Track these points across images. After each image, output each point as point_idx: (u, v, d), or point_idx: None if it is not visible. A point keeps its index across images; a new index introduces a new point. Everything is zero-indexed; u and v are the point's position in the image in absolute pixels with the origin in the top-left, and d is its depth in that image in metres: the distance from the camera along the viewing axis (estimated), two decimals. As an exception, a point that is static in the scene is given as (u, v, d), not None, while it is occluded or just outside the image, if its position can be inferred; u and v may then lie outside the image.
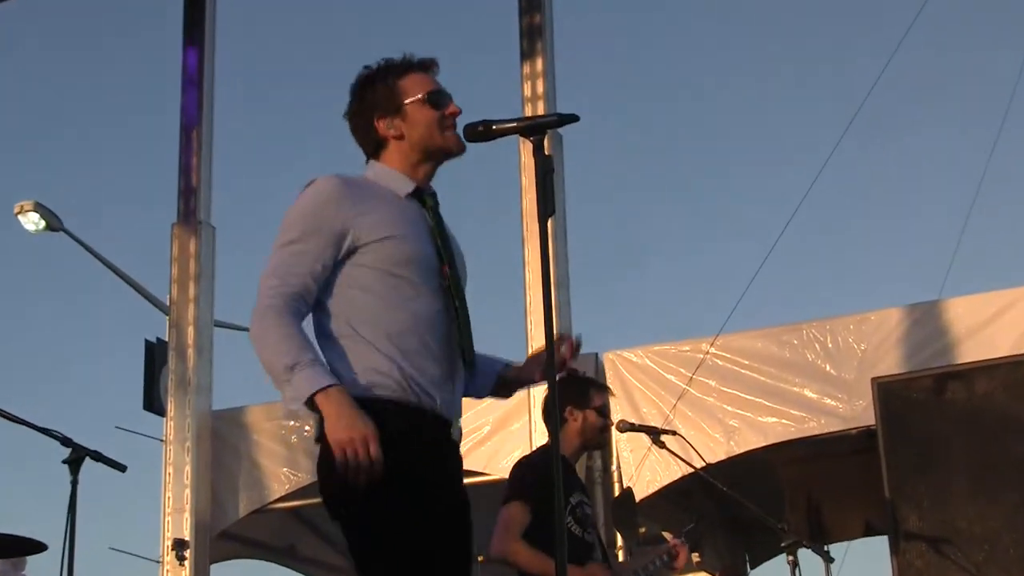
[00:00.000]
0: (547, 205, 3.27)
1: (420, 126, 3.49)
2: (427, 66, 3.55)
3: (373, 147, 3.52)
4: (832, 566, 6.38)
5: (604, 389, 5.78)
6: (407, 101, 3.49)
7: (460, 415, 3.45)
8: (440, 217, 3.49)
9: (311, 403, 3.17)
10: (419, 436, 3.27)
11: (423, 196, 3.49)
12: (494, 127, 3.38)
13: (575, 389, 5.56)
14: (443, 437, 3.35)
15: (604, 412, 5.63)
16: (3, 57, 22.30)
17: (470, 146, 3.46)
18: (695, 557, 6.93)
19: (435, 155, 3.51)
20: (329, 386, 3.16)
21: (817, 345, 7.90)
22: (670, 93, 20.57)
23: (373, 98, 3.50)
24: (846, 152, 8.55)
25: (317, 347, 3.31)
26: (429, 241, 3.42)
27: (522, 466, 5.48)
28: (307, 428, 8.33)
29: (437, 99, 3.51)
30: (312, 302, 3.33)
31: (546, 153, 3.32)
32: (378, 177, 3.48)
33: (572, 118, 3.38)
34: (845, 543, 9.51)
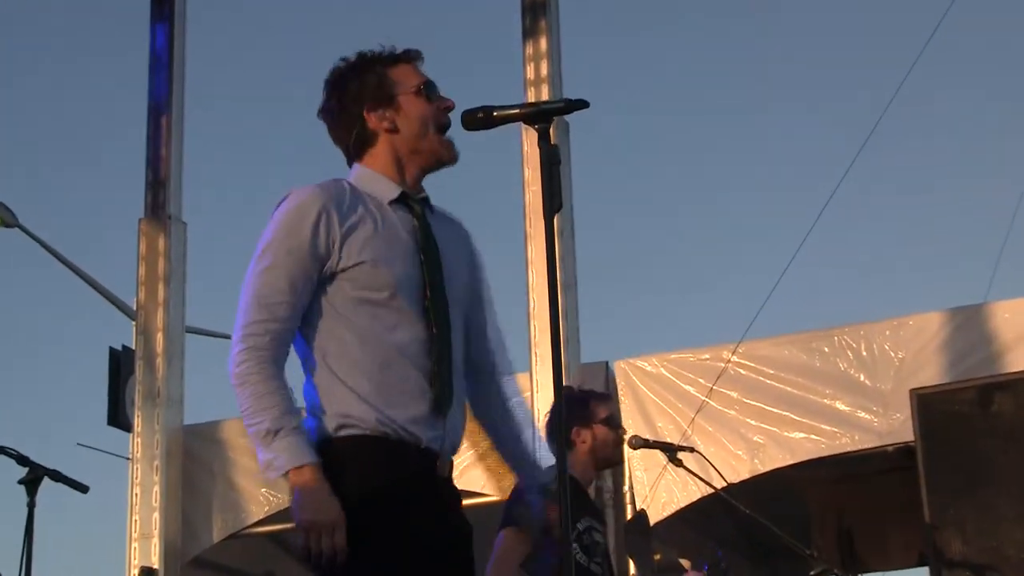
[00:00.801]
0: (553, 200, 3.26)
1: (413, 119, 3.49)
2: (413, 57, 3.56)
3: (359, 144, 3.51)
4: (866, 596, 6.39)
5: (607, 398, 5.77)
6: (399, 91, 3.49)
7: (456, 450, 3.47)
8: (428, 226, 3.47)
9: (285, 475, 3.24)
10: (402, 467, 3.29)
11: (410, 201, 3.48)
12: (495, 114, 3.38)
13: (575, 407, 5.54)
14: (430, 470, 3.37)
15: (614, 423, 5.62)
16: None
17: (469, 135, 3.46)
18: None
19: (425, 158, 3.51)
20: (305, 464, 3.22)
21: (850, 353, 7.90)
22: (688, 79, 20.57)
23: (361, 88, 3.49)
24: (882, 143, 8.55)
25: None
26: (415, 257, 3.42)
27: (522, 488, 5.46)
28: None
29: (430, 90, 3.52)
30: (296, 331, 3.36)
31: (552, 143, 3.32)
32: (361, 182, 3.47)
33: (581, 104, 3.38)
34: (880, 573, 9.52)
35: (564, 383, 3.26)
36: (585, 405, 5.59)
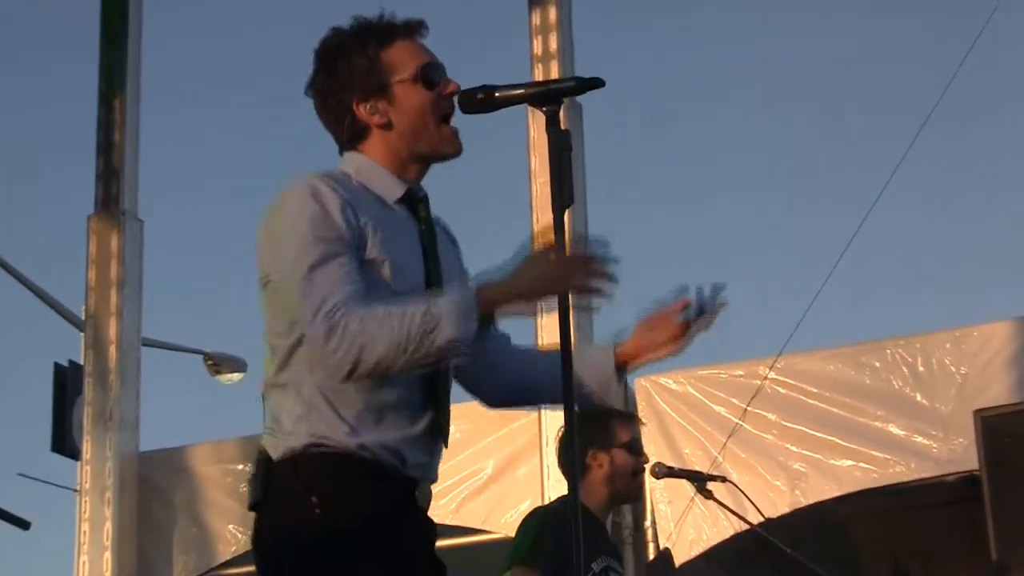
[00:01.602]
0: (563, 192, 3.27)
1: (411, 112, 3.47)
2: (414, 29, 3.53)
3: (351, 135, 3.50)
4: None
5: (632, 420, 5.80)
6: (395, 79, 3.46)
7: (435, 479, 3.48)
8: (434, 231, 3.49)
9: (478, 322, 3.24)
10: (380, 493, 3.30)
11: (415, 202, 3.49)
12: (496, 94, 3.39)
13: (595, 426, 5.56)
14: (410, 499, 3.38)
15: (635, 449, 5.65)
16: None
17: (467, 118, 3.47)
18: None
19: (425, 154, 3.50)
20: (476, 288, 3.26)
21: (905, 368, 7.90)
22: (717, 59, 20.56)
23: (349, 74, 3.47)
24: (939, 128, 8.54)
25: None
26: (421, 265, 3.44)
27: (533, 521, 5.50)
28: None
29: (431, 74, 3.48)
30: None
31: (562, 127, 3.33)
32: (362, 175, 3.45)
33: (595, 82, 3.39)
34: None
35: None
36: (606, 424, 5.62)
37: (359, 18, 3.52)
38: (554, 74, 8.55)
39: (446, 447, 3.48)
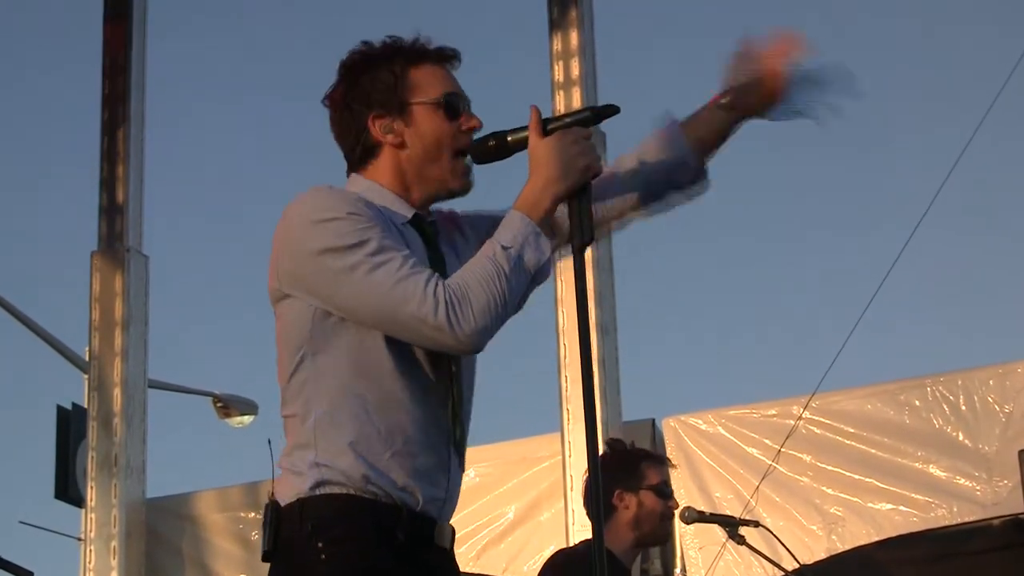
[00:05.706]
0: (584, 229, 3.30)
1: (426, 137, 3.47)
2: (446, 57, 3.55)
3: (360, 152, 3.52)
4: None
5: (661, 462, 5.83)
6: (415, 100, 3.48)
7: (451, 514, 3.47)
8: (442, 254, 3.48)
9: (537, 226, 3.32)
10: (392, 536, 3.30)
11: (422, 224, 3.49)
12: (509, 139, 3.41)
13: (623, 466, 5.60)
14: (426, 539, 3.38)
15: (664, 492, 5.68)
16: None
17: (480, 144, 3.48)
18: None
19: (432, 185, 3.50)
20: (521, 214, 3.31)
21: (946, 406, 7.90)
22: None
23: (372, 87, 3.49)
24: (985, 142, 8.55)
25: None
26: None
27: (556, 566, 5.52)
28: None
29: (455, 104, 3.50)
30: None
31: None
32: (370, 196, 3.44)
33: (611, 110, 3.41)
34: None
35: (601, 444, 3.29)
36: (634, 465, 5.65)
37: (392, 37, 3.54)
38: (576, 101, 8.58)
39: (462, 469, 3.47)
